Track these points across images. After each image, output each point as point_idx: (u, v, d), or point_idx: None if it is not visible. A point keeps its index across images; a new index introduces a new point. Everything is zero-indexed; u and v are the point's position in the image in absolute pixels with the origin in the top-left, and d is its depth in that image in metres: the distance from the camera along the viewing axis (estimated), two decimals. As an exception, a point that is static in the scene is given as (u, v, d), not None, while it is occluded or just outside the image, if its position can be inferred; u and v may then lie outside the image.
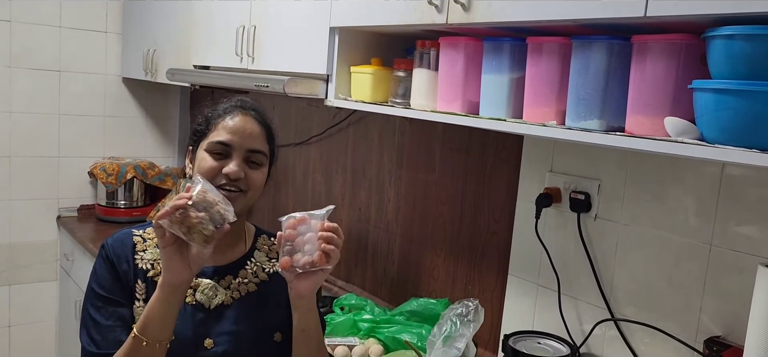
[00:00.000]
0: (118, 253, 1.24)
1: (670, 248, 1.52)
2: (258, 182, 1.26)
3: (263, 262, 1.33)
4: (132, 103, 3.45)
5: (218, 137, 1.24)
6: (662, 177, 1.53)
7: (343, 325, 1.95)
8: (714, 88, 1.03)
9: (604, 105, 1.23)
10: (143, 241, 1.27)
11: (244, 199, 1.25)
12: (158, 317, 1.11)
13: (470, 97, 1.51)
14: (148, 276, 1.23)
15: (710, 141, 1.04)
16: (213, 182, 1.21)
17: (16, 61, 3.06)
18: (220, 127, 1.25)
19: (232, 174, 1.21)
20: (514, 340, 1.63)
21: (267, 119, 1.32)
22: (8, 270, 3.18)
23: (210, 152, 1.23)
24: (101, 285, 1.22)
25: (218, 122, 1.26)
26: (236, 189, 1.23)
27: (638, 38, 1.17)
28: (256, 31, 2.18)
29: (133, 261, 1.24)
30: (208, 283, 1.25)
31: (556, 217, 1.75)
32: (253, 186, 1.25)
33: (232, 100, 1.31)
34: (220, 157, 1.23)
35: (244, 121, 1.26)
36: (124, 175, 3.23)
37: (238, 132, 1.24)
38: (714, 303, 1.44)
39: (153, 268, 1.24)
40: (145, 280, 1.23)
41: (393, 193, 2.33)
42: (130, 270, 1.23)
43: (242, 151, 1.24)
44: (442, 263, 2.15)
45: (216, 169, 1.22)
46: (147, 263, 1.24)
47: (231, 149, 1.23)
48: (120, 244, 1.26)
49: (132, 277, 1.23)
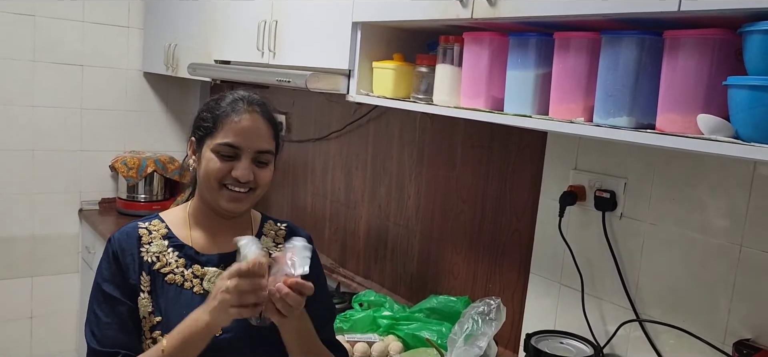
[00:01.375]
0: (124, 246, 1.25)
1: (697, 248, 1.49)
2: (266, 180, 1.27)
3: (270, 247, 1.35)
4: (153, 98, 3.48)
5: (226, 139, 1.23)
6: (690, 176, 1.50)
7: (362, 321, 1.94)
8: (750, 84, 1.00)
9: (633, 101, 1.20)
10: (149, 233, 1.28)
11: (253, 197, 1.26)
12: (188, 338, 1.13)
13: (495, 93, 1.49)
14: (154, 269, 1.24)
15: (745, 139, 1.02)
16: (219, 182, 1.23)
17: (39, 56, 3.10)
18: (228, 127, 1.23)
19: (243, 177, 1.22)
20: (536, 340, 1.61)
21: (273, 114, 1.30)
22: (31, 262, 3.22)
23: (217, 153, 1.23)
24: (105, 280, 1.23)
25: (225, 121, 1.24)
26: (245, 189, 1.24)
27: (671, 33, 1.14)
28: (278, 25, 2.17)
29: (139, 253, 1.25)
30: (215, 271, 1.26)
31: (580, 216, 1.73)
32: (262, 184, 1.26)
33: (236, 94, 1.28)
34: (228, 158, 1.23)
35: (252, 120, 1.24)
36: (145, 169, 3.25)
37: (246, 133, 1.23)
38: (743, 305, 1.41)
39: (158, 261, 1.25)
40: (149, 273, 1.24)
41: (413, 190, 2.32)
42: (135, 262, 1.24)
43: (251, 153, 1.24)
44: (462, 261, 2.14)
45: (224, 171, 1.23)
46: (152, 256, 1.25)
47: (240, 151, 1.23)
48: (126, 237, 1.27)
49: (136, 270, 1.23)
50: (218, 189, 1.24)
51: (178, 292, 1.24)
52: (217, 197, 1.24)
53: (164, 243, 1.27)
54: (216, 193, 1.24)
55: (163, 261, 1.25)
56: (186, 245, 1.28)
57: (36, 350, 3.29)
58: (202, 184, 1.27)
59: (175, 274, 1.25)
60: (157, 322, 1.22)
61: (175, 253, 1.27)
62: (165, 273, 1.25)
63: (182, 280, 1.25)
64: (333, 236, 2.74)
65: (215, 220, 1.31)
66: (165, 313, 1.22)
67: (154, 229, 1.29)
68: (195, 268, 1.27)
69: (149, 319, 1.22)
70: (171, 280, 1.25)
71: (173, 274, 1.25)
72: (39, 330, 3.29)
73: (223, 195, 1.24)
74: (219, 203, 1.25)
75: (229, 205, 1.25)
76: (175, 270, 1.25)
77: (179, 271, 1.26)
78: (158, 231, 1.28)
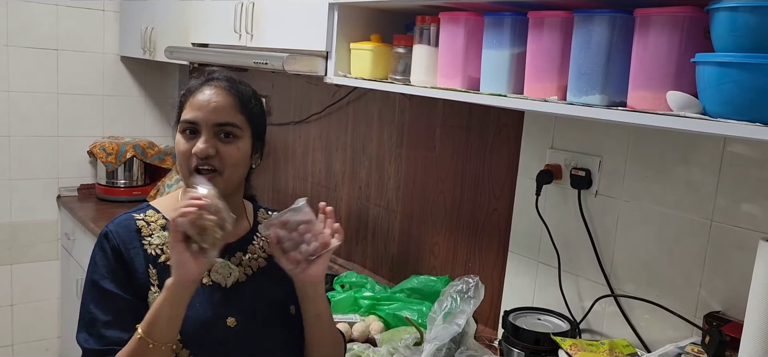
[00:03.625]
0: (124, 238, 1.18)
1: (670, 224, 1.51)
2: (233, 158, 1.18)
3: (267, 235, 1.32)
4: (131, 82, 3.43)
5: (185, 116, 1.18)
6: (663, 153, 1.52)
7: (343, 302, 1.95)
8: (717, 61, 1.02)
9: (605, 80, 1.22)
10: (147, 225, 1.21)
11: (222, 180, 1.17)
12: (166, 318, 1.06)
13: (471, 73, 1.50)
14: (160, 261, 1.18)
15: (713, 115, 1.04)
16: (188, 164, 1.17)
17: (13, 40, 3.04)
18: (188, 104, 1.19)
19: (200, 152, 1.14)
20: (514, 316, 1.64)
21: (240, 89, 1.22)
22: (10, 249, 3.19)
23: (182, 132, 1.19)
24: (103, 277, 1.15)
25: (189, 99, 1.20)
26: (210, 168, 1.16)
27: (641, 11, 1.15)
28: (255, 7, 2.15)
29: (142, 246, 1.18)
30: (221, 262, 1.22)
31: (556, 194, 1.75)
32: (228, 163, 1.17)
33: (203, 73, 1.24)
34: (191, 136, 1.17)
35: (211, 94, 1.18)
36: (124, 154, 3.22)
37: (203, 107, 1.17)
38: (714, 279, 1.44)
39: (163, 253, 1.19)
40: (156, 266, 1.18)
41: (393, 171, 2.33)
42: (140, 255, 1.18)
43: (210, 127, 1.16)
44: (442, 241, 2.16)
45: (188, 150, 1.16)
46: (155, 248, 1.19)
47: (198, 126, 1.17)
48: (124, 229, 1.19)
49: (142, 263, 1.17)
50: (189, 173, 1.18)
51: None
52: (189, 181, 1.19)
53: (165, 234, 1.21)
54: (188, 178, 1.19)
55: (168, 253, 1.17)
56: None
57: (18, 338, 3.26)
58: (179, 169, 1.24)
59: None
60: None
61: None
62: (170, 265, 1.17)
63: None
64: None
65: None
66: None
67: (151, 220, 1.22)
68: None
69: None
70: None
71: None
72: (20, 318, 3.26)
73: (195, 178, 1.17)
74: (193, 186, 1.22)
75: None
76: None
77: None
78: (156, 222, 1.22)
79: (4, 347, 3.24)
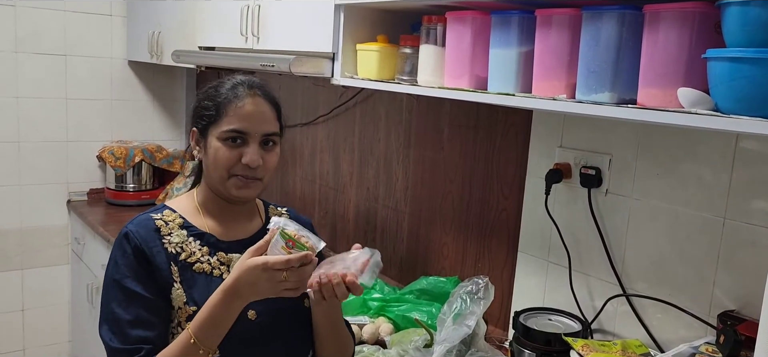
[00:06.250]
0: (145, 237, 1.21)
1: (682, 222, 1.50)
2: (274, 163, 1.27)
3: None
4: (138, 86, 3.45)
5: (232, 125, 1.21)
6: (674, 150, 1.50)
7: (352, 304, 1.95)
8: (729, 56, 1.00)
9: (615, 77, 1.20)
10: (166, 224, 1.25)
11: (261, 185, 1.26)
12: (219, 323, 1.13)
13: (478, 72, 1.49)
14: (180, 259, 1.22)
15: (725, 111, 1.02)
16: (230, 170, 1.22)
17: (22, 46, 3.06)
18: (232, 113, 1.22)
19: (253, 163, 1.21)
20: (524, 317, 1.62)
21: (275, 97, 1.30)
22: (20, 254, 3.21)
23: (224, 141, 1.22)
24: (125, 277, 1.18)
25: (229, 108, 1.23)
26: (254, 177, 1.23)
27: (650, 7, 1.14)
28: (261, 10, 2.15)
29: (162, 245, 1.22)
30: (239, 257, 1.22)
31: (566, 193, 1.73)
32: (270, 169, 1.26)
33: (236, 79, 1.27)
34: (236, 145, 1.22)
35: (256, 103, 1.23)
36: (133, 158, 3.23)
37: (251, 118, 1.22)
38: (728, 277, 1.42)
39: (183, 251, 1.23)
40: (177, 263, 1.21)
41: (401, 172, 2.32)
42: (161, 254, 1.21)
43: (258, 137, 1.23)
44: (451, 241, 2.14)
45: (234, 159, 1.22)
46: (176, 247, 1.23)
47: (247, 136, 1.22)
48: (144, 229, 1.23)
49: (164, 261, 1.20)
50: (227, 178, 1.23)
51: (208, 280, 1.23)
52: (226, 186, 1.24)
53: (183, 232, 1.25)
54: (225, 182, 1.23)
55: (188, 251, 1.23)
56: (206, 233, 1.27)
57: (29, 342, 3.28)
58: (211, 174, 1.26)
59: (202, 263, 1.24)
60: (192, 311, 1.19)
61: (197, 242, 1.25)
62: (192, 262, 1.23)
63: (210, 268, 1.24)
64: (322, 220, 2.74)
65: (226, 207, 1.30)
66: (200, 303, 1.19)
67: (169, 220, 1.26)
68: (219, 255, 1.26)
69: (185, 310, 1.20)
70: (199, 268, 1.23)
71: (200, 262, 1.23)
72: (31, 322, 3.28)
73: (232, 183, 1.23)
74: (229, 192, 1.24)
75: (239, 193, 1.24)
76: (201, 258, 1.24)
77: (205, 259, 1.24)
78: (174, 221, 1.26)
79: (16, 352, 3.26)
